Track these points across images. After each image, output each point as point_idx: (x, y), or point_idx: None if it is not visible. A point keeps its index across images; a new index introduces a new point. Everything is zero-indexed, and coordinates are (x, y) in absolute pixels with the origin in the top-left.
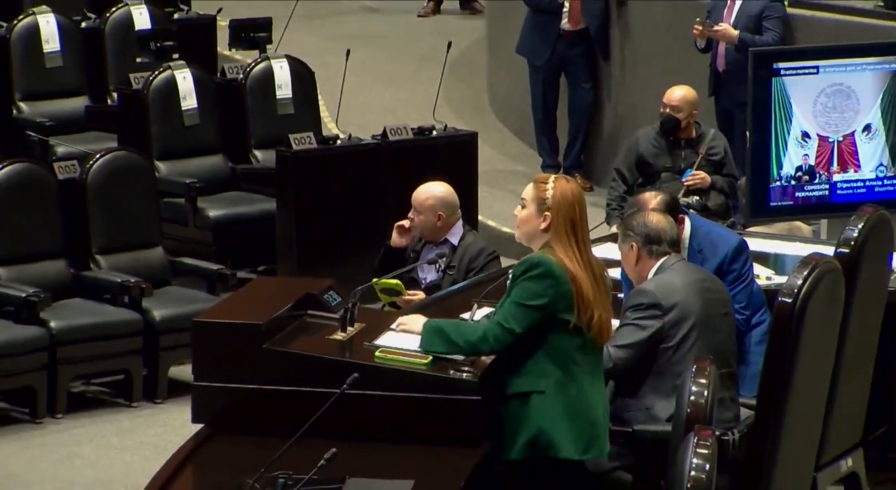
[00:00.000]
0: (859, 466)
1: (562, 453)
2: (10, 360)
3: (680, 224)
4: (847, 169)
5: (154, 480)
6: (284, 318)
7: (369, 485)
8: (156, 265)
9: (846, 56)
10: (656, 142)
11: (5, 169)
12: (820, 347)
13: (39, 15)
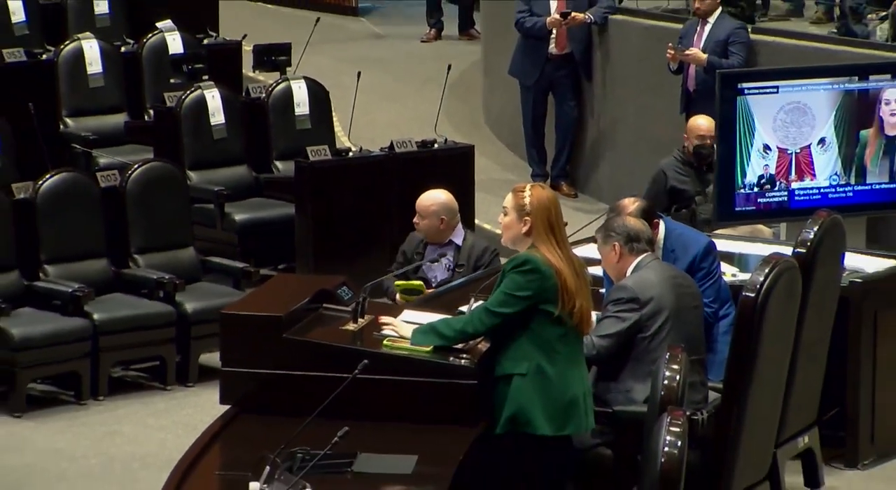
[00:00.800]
0: (815, 443)
1: (538, 430)
2: (58, 349)
3: (655, 227)
4: (804, 177)
5: (186, 455)
6: (302, 310)
7: (378, 459)
8: (187, 263)
9: (803, 77)
10: (682, 170)
11: (53, 178)
12: (779, 337)
13: (84, 41)
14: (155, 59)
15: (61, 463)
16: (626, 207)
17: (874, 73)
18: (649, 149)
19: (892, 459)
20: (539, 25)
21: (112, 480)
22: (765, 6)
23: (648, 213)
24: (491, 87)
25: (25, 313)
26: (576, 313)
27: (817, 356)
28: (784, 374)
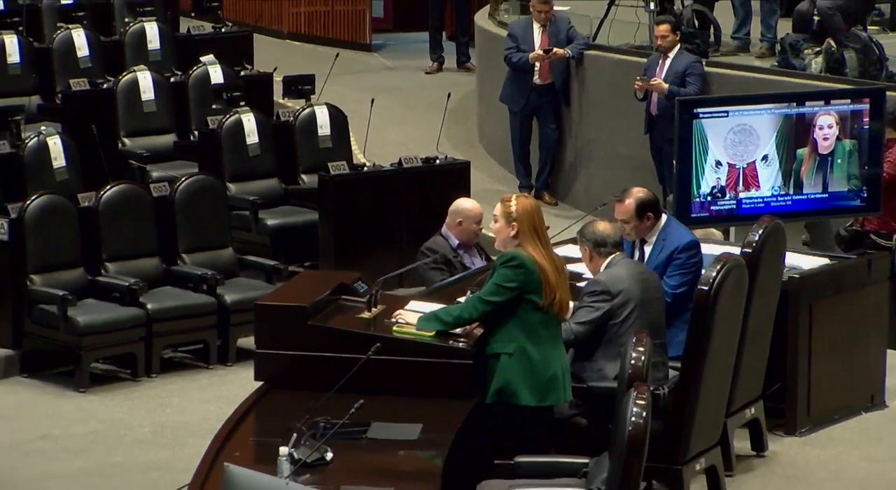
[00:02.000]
0: (760, 414)
1: (522, 401)
2: (117, 334)
3: (649, 220)
4: (750, 188)
5: (226, 424)
6: (324, 301)
7: (388, 427)
8: (227, 261)
9: (749, 103)
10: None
11: (113, 189)
12: (729, 324)
13: (138, 72)
14: (199, 87)
15: (119, 430)
16: (632, 193)
17: (809, 100)
18: (619, 164)
19: (825, 427)
20: (524, 60)
21: (163, 445)
22: (717, 43)
23: (647, 205)
24: (484, 112)
25: (89, 304)
26: (556, 303)
27: (761, 340)
28: (733, 355)
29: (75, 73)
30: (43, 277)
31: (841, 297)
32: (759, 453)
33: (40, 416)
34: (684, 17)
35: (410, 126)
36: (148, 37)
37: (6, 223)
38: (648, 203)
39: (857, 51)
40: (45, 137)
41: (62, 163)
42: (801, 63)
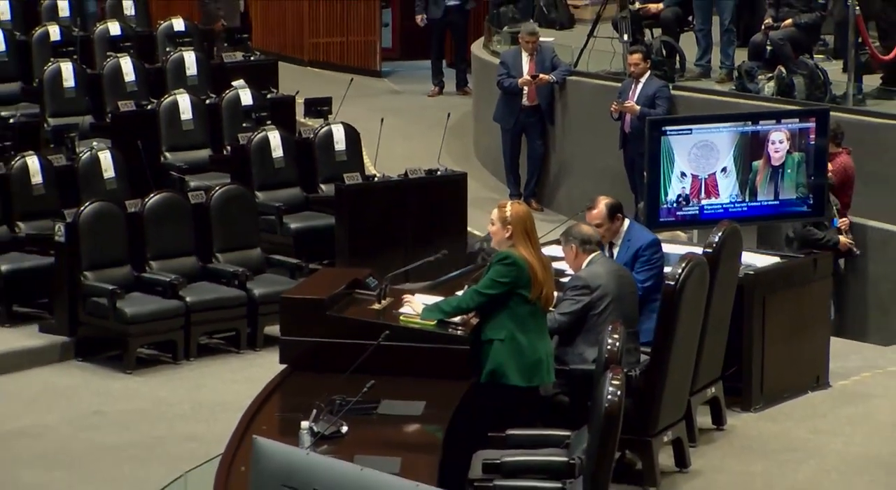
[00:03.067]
0: (719, 392)
1: (511, 382)
2: (159, 323)
3: (619, 221)
4: (711, 196)
5: (254, 401)
6: (340, 294)
7: (395, 404)
8: (255, 260)
9: (710, 122)
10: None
11: (156, 197)
12: (693, 314)
13: (178, 95)
14: (231, 108)
15: (161, 407)
16: (598, 204)
17: (763, 119)
18: (597, 175)
19: (776, 405)
20: (514, 84)
21: (200, 420)
22: (682, 69)
23: (615, 208)
24: (479, 129)
25: (135, 297)
26: (542, 297)
27: (721, 328)
28: (696, 341)
29: (123, 96)
30: (95, 274)
31: (790, 291)
32: (718, 427)
33: (93, 395)
34: (654, 47)
35: (415, 142)
36: (186, 64)
37: (63, 227)
38: (616, 206)
39: (804, 76)
40: (97, 152)
41: (111, 174)
42: (755, 87)
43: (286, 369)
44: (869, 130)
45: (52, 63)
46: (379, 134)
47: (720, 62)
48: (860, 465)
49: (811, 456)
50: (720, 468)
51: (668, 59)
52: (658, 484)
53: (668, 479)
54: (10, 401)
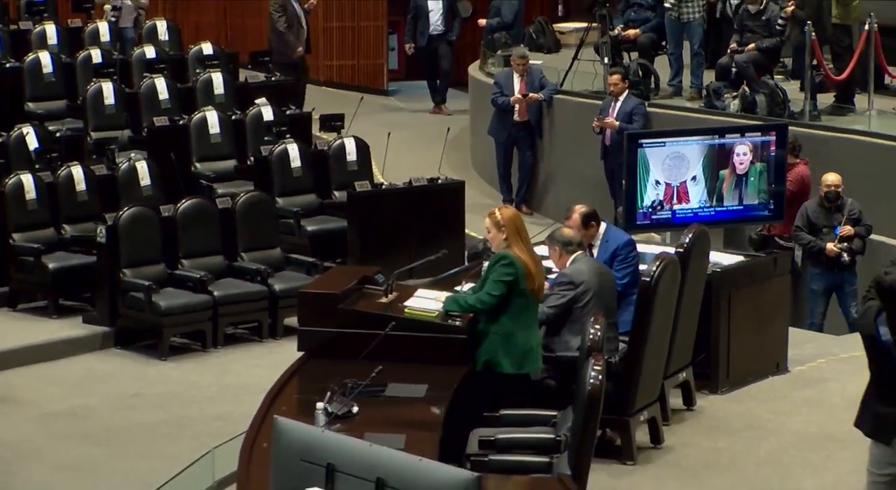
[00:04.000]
0: (690, 377)
1: (504, 370)
2: (190, 315)
3: (597, 227)
4: (682, 202)
5: (275, 384)
6: (351, 290)
7: (400, 387)
8: (276, 259)
9: (682, 136)
10: (818, 209)
11: (187, 202)
12: (666, 307)
13: (207, 111)
14: (254, 123)
15: (192, 391)
16: (574, 213)
17: (729, 133)
18: (580, 183)
19: (740, 388)
20: (507, 102)
21: (226, 401)
22: (656, 89)
23: (589, 216)
24: (476, 142)
25: (168, 292)
26: (536, 288)
27: (691, 320)
28: (669, 331)
29: (158, 112)
30: (133, 271)
31: (753, 287)
32: (689, 407)
33: (130, 379)
34: (631, 68)
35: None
36: (214, 84)
37: (104, 229)
38: (589, 214)
39: (766, 95)
40: (134, 162)
41: (147, 182)
42: (721, 104)
43: (303, 356)
44: (823, 143)
45: (95, 83)
46: (386, 146)
47: (690, 82)
48: (816, 442)
49: (771, 434)
50: (690, 444)
51: (644, 79)
52: (635, 458)
53: (644, 454)
54: (57, 384)
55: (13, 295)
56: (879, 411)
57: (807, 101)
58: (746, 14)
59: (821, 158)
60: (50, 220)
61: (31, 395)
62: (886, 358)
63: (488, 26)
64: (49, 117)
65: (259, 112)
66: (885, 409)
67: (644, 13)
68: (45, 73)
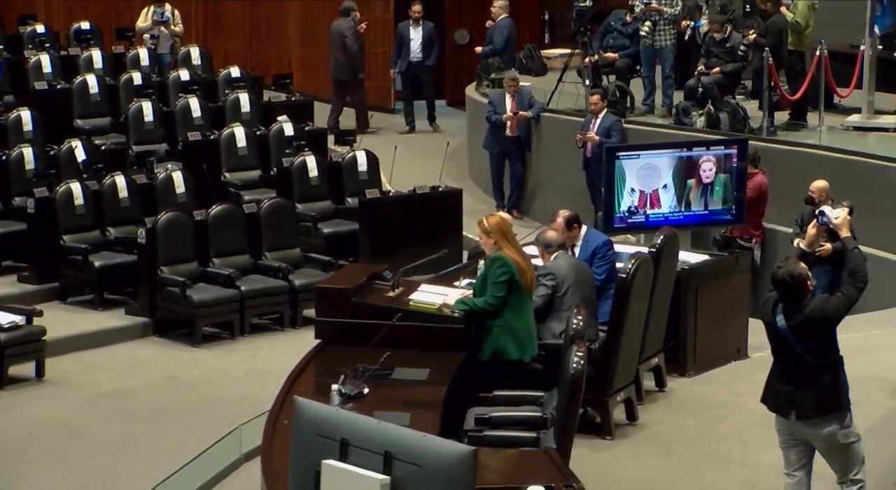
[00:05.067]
0: (661, 362)
1: (511, 356)
2: (220, 307)
3: (577, 229)
4: (654, 207)
5: (295, 368)
6: (362, 285)
7: (406, 371)
8: (296, 257)
9: (654, 149)
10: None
11: (217, 208)
12: (640, 300)
13: (235, 127)
14: (277, 138)
15: (221, 374)
16: (558, 216)
17: (696, 147)
18: (564, 191)
19: (706, 372)
20: (499, 119)
21: (252, 383)
22: (632, 107)
23: (571, 220)
24: (472, 155)
25: (201, 287)
26: (529, 284)
27: (662, 311)
28: (643, 321)
29: (191, 128)
30: (169, 268)
31: (717, 282)
32: (660, 389)
33: (167, 363)
34: (609, 90)
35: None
36: (241, 103)
37: (144, 231)
38: (572, 218)
39: (728, 113)
40: (171, 172)
41: (182, 190)
42: (689, 121)
43: (320, 344)
44: (780, 155)
45: (135, 102)
46: (393, 158)
47: (662, 102)
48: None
49: (733, 412)
50: (661, 422)
51: (621, 99)
52: (613, 434)
53: (621, 430)
54: (103, 369)
55: (63, 289)
56: (779, 389)
57: (765, 118)
58: (712, 41)
59: (777, 169)
60: (96, 223)
61: (79, 379)
62: (783, 343)
63: (483, 52)
64: (95, 132)
65: (281, 128)
66: (783, 388)
67: (622, 40)
68: (91, 93)
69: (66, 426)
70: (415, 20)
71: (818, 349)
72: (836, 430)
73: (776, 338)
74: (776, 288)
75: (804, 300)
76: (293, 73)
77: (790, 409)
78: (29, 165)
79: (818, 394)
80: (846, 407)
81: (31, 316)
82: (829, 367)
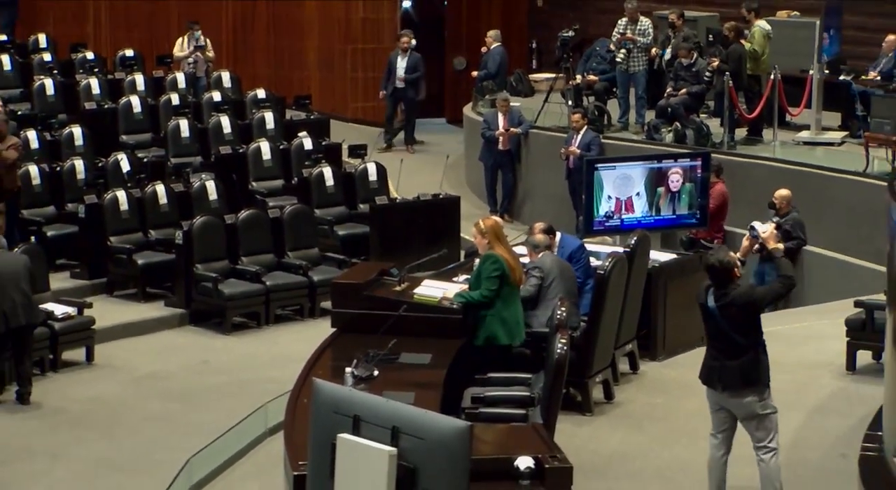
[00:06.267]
0: (634, 348)
1: (502, 342)
2: (247, 300)
3: (554, 236)
4: (629, 212)
5: (314, 353)
6: (372, 280)
7: (410, 356)
8: (314, 256)
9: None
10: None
11: (246, 213)
12: (616, 293)
13: (260, 142)
14: (297, 151)
15: (249, 359)
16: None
17: (665, 159)
18: (549, 198)
19: (674, 356)
20: (493, 135)
21: (275, 367)
22: (609, 124)
23: (547, 230)
24: (469, 166)
25: (231, 282)
26: (517, 280)
27: (635, 303)
28: (618, 312)
29: (223, 143)
30: (203, 265)
31: (683, 278)
32: (634, 371)
33: (201, 350)
34: (589, 109)
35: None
36: (266, 121)
37: (181, 233)
38: (547, 228)
39: (694, 130)
40: (204, 181)
41: (215, 197)
42: (659, 137)
43: (335, 332)
44: (739, 167)
45: (174, 120)
46: (399, 169)
47: (635, 119)
48: None
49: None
50: (635, 400)
51: (599, 117)
52: (592, 411)
53: (599, 407)
54: (144, 354)
55: (110, 284)
56: (710, 364)
57: (725, 134)
58: (680, 66)
59: (736, 179)
60: (139, 226)
61: (124, 363)
62: (713, 321)
63: (478, 76)
64: (138, 147)
65: (301, 142)
66: (713, 363)
67: (604, 64)
68: (135, 112)
69: (113, 404)
70: (403, 50)
71: (742, 329)
72: (755, 401)
73: (707, 317)
74: (707, 272)
75: (731, 285)
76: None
77: (718, 383)
78: (80, 175)
79: (741, 368)
80: (765, 383)
81: (82, 307)
82: (753, 346)
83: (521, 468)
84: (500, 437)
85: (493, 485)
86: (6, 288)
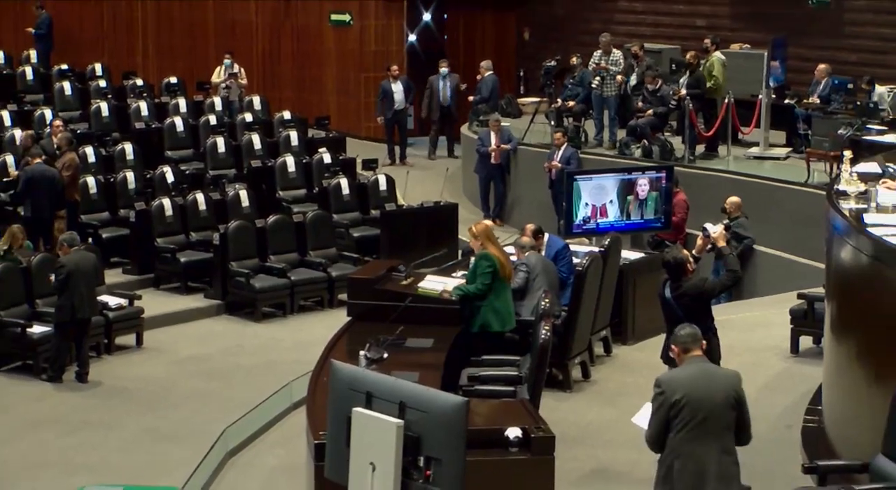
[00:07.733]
0: (608, 333)
1: (494, 329)
2: (275, 292)
3: (542, 237)
4: (603, 217)
5: (332, 339)
6: (382, 275)
7: (415, 340)
8: (333, 255)
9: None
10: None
11: (274, 218)
12: (592, 287)
13: (286, 157)
14: (318, 164)
15: (276, 343)
16: (527, 229)
17: (634, 172)
18: (535, 205)
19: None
20: (486, 151)
21: (298, 350)
22: (586, 142)
23: (536, 232)
24: (466, 177)
25: (261, 277)
26: (507, 276)
27: (609, 295)
28: (594, 303)
29: (254, 157)
30: (237, 263)
31: (650, 274)
32: (608, 354)
33: (235, 336)
34: (569, 128)
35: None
36: (291, 139)
37: (218, 235)
38: (537, 230)
39: (659, 146)
40: (238, 191)
41: (247, 204)
42: (629, 152)
43: (350, 320)
44: (697, 179)
45: (211, 138)
46: (406, 180)
47: (608, 137)
48: None
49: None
50: (609, 379)
51: (577, 135)
52: (572, 388)
53: (578, 385)
54: (186, 339)
55: (157, 279)
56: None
57: (686, 150)
58: (647, 91)
59: (695, 188)
60: (182, 229)
61: (169, 347)
62: (669, 309)
63: (474, 100)
64: (181, 161)
65: (321, 157)
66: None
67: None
68: (178, 131)
69: (159, 382)
70: (394, 77)
71: (695, 316)
72: None
73: (665, 306)
74: (664, 267)
75: (684, 278)
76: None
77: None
78: (131, 185)
79: None
80: (716, 361)
81: (133, 299)
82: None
83: (511, 437)
84: (493, 410)
85: (487, 451)
86: (79, 283)
